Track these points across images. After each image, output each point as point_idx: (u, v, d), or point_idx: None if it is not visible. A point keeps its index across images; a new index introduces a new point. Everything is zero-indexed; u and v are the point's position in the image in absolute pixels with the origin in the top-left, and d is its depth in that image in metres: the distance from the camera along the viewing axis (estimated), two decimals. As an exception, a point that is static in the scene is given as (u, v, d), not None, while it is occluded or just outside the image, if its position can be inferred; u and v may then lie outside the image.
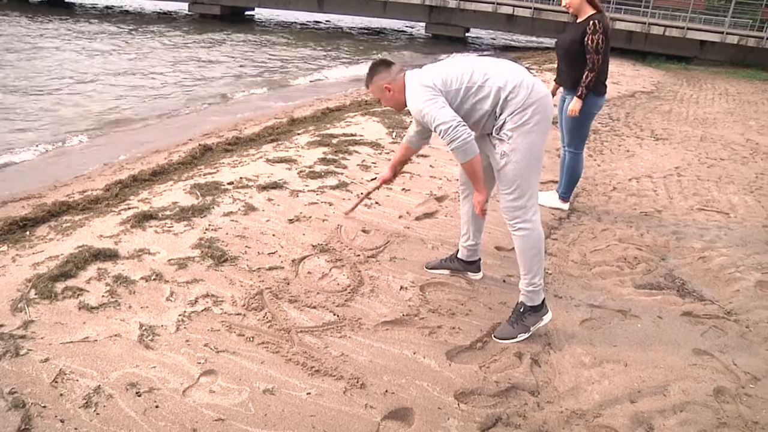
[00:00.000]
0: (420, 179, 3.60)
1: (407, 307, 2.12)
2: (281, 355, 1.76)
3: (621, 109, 6.92)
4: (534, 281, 2.04)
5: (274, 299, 2.06)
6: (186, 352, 1.72)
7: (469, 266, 2.44)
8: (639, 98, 7.75)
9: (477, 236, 2.37)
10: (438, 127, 1.87)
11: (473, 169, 1.94)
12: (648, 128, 5.94)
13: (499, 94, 1.90)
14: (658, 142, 5.33)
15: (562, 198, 3.44)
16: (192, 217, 2.62)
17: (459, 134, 1.85)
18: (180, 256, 2.26)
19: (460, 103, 1.93)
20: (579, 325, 2.16)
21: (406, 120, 5.16)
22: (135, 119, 5.89)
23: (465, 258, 2.42)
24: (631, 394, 1.78)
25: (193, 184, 3.09)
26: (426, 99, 1.89)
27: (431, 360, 1.84)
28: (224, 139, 4.56)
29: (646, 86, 8.66)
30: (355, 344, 1.88)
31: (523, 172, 1.92)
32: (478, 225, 2.35)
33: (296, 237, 2.58)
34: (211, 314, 1.92)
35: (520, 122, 1.89)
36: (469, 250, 2.39)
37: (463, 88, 1.92)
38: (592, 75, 2.99)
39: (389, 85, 2.03)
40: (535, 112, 1.88)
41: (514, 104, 1.89)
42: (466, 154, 1.89)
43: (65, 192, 3.54)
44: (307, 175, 3.36)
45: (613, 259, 2.76)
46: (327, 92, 8.00)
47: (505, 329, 2.08)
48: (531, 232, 1.99)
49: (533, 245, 2.00)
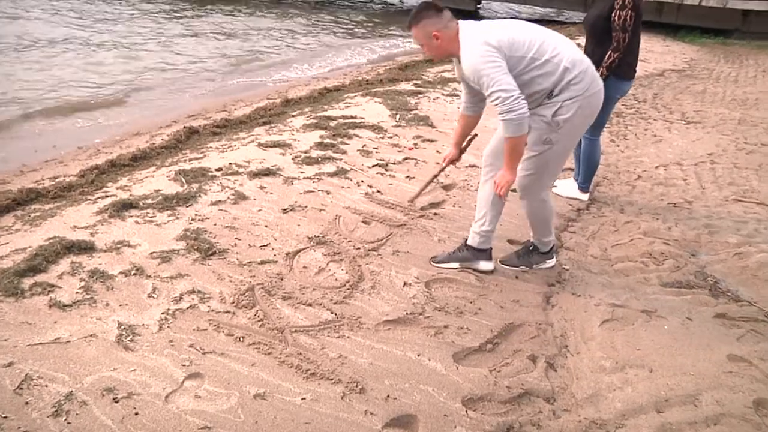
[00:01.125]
0: (426, 166, 3.59)
1: (411, 305, 2.12)
2: (274, 357, 1.76)
3: (648, 90, 6.83)
4: (543, 239, 2.38)
5: (267, 296, 2.06)
6: (169, 354, 1.72)
7: (480, 254, 2.42)
8: (669, 77, 7.65)
9: (494, 222, 2.36)
10: (495, 93, 1.87)
11: (518, 148, 2.00)
12: (678, 110, 5.87)
13: (564, 75, 1.95)
14: (690, 126, 5.26)
15: (582, 188, 3.43)
16: (176, 207, 2.62)
17: (518, 106, 1.87)
18: (163, 249, 2.25)
19: (521, 72, 1.94)
20: (599, 327, 2.15)
21: (411, 101, 5.14)
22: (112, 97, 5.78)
23: (476, 246, 2.39)
24: (658, 403, 1.76)
25: (177, 170, 3.08)
26: (488, 60, 1.88)
27: (437, 363, 1.84)
28: (212, 121, 4.54)
29: (677, 64, 8.53)
30: (354, 345, 1.88)
31: (555, 160, 2.11)
32: (496, 210, 2.33)
33: (291, 228, 2.58)
34: (198, 312, 1.92)
35: (573, 113, 1.98)
36: (482, 236, 2.37)
37: (528, 57, 1.94)
38: (615, 55, 2.93)
39: (439, 32, 1.99)
40: (589, 105, 1.98)
41: (575, 90, 1.95)
42: (519, 130, 1.92)
43: (34, 178, 3.53)
44: (303, 160, 3.35)
45: (638, 254, 2.74)
46: (324, 70, 7.94)
47: (511, 258, 2.48)
48: (543, 204, 2.25)
49: (542, 215, 2.29)
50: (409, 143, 3.99)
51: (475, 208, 3.04)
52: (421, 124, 4.46)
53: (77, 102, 5.47)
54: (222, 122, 4.47)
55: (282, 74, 7.57)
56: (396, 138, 4.06)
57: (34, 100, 5.36)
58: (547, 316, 2.22)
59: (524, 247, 2.49)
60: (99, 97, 5.71)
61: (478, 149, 4.08)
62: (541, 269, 2.51)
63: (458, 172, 3.58)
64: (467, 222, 2.89)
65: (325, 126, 4.09)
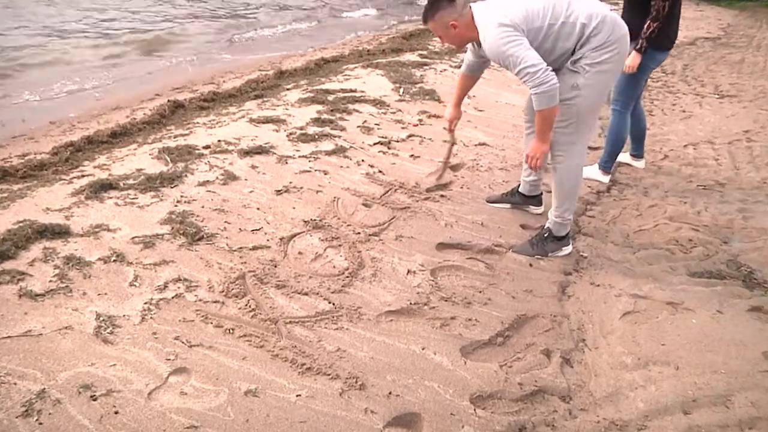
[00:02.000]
0: (432, 144, 3.56)
1: (415, 295, 2.12)
2: (266, 350, 1.76)
3: (677, 61, 6.72)
4: (564, 215, 2.42)
5: (259, 284, 2.06)
6: (153, 347, 1.71)
7: (530, 200, 2.84)
8: (701, 46, 7.50)
9: (539, 171, 2.64)
10: (524, 70, 2.02)
11: (549, 118, 2.15)
12: (711, 83, 5.77)
13: (583, 31, 2.10)
14: (724, 100, 5.17)
15: (603, 169, 3.40)
16: (160, 187, 2.61)
17: (548, 78, 2.02)
18: (146, 234, 2.25)
19: (542, 41, 2.10)
20: (619, 319, 2.13)
21: (416, 74, 5.10)
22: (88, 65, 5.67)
23: (526, 192, 2.81)
24: (684, 403, 1.74)
25: (161, 147, 3.06)
26: (509, 40, 2.02)
27: (443, 357, 1.84)
28: (198, 95, 4.51)
29: (711, 31, 8.36)
30: (353, 338, 1.87)
31: (586, 109, 2.21)
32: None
33: (285, 211, 2.57)
34: (184, 302, 1.92)
35: (599, 59, 2.11)
36: (531, 185, 2.78)
37: (545, 26, 2.09)
38: (655, 25, 2.94)
39: (456, 21, 2.15)
40: (614, 51, 2.10)
41: (596, 41, 2.10)
42: (550, 101, 2.07)
43: (0, 156, 3.50)
44: (298, 138, 3.35)
45: (663, 241, 2.72)
46: (321, 39, 7.81)
47: (525, 247, 2.51)
48: (574, 165, 2.33)
49: (571, 178, 2.36)
50: (414, 119, 3.97)
51: (484, 189, 3.07)
52: (426, 98, 4.43)
53: (47, 72, 5.35)
54: (210, 96, 4.45)
55: (276, 43, 7.46)
56: (399, 113, 4.04)
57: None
58: (563, 307, 2.21)
59: (538, 233, 2.53)
60: (71, 68, 5.60)
61: (488, 126, 4.11)
62: (557, 257, 2.50)
63: (467, 151, 3.56)
64: (476, 205, 2.89)
65: (322, 100, 4.07)
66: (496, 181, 3.19)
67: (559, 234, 2.47)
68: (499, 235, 2.63)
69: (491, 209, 2.87)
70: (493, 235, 2.63)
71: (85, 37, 6.65)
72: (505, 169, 3.39)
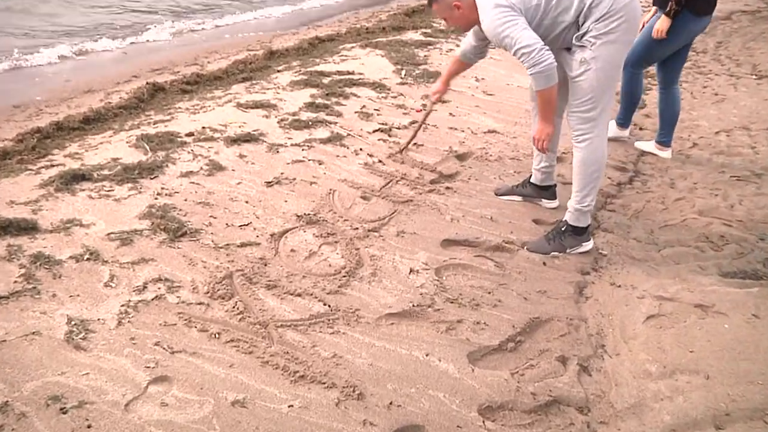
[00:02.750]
0: (437, 132, 3.55)
1: (419, 296, 2.12)
2: (256, 357, 1.76)
3: (710, 38, 6.67)
4: (585, 201, 2.44)
5: (247, 284, 2.06)
6: (130, 354, 1.71)
7: (542, 192, 2.85)
8: (738, 21, 7.43)
9: (551, 157, 2.74)
10: (519, 50, 2.15)
11: (550, 99, 2.26)
12: (748, 62, 5.72)
13: (583, 2, 2.18)
14: (762, 81, 5.13)
15: (620, 125, 3.67)
16: (139, 179, 2.61)
17: (543, 58, 2.13)
18: (123, 229, 2.24)
19: (541, 18, 2.22)
20: (643, 323, 2.13)
21: (419, 54, 5.09)
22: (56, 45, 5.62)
23: (538, 182, 2.83)
24: (716, 417, 1.73)
25: (139, 134, 3.06)
26: (505, 21, 2.15)
27: (449, 364, 1.84)
28: (181, 77, 4.50)
29: (749, 3, 8.27)
30: (351, 343, 1.87)
31: (600, 83, 2.26)
32: (551, 144, 2.63)
33: (276, 204, 2.57)
34: (165, 304, 1.92)
35: (605, 30, 2.18)
36: (543, 173, 2.79)
37: (543, 2, 2.20)
38: None
39: (459, 2, 2.29)
40: (621, 19, 2.16)
41: (599, 11, 2.17)
42: (548, 81, 2.19)
43: (-44, 143, 3.48)
44: (291, 124, 3.34)
45: (691, 237, 2.72)
46: (315, 17, 7.77)
47: (540, 243, 2.51)
48: (596, 146, 2.36)
49: (595, 160, 2.38)
50: (417, 104, 3.95)
51: (494, 181, 3.07)
52: (430, 81, 4.41)
53: (11, 48, 5.23)
54: (193, 78, 4.43)
55: (265, 18, 7.42)
56: (401, 98, 4.02)
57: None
58: (581, 309, 2.21)
59: (555, 228, 2.55)
60: (39, 44, 5.55)
61: (498, 111, 4.09)
62: (576, 254, 2.49)
63: (475, 139, 3.55)
64: (485, 198, 2.88)
65: (316, 83, 4.06)
66: (506, 172, 3.18)
67: (578, 224, 2.48)
68: (510, 230, 2.63)
69: (501, 202, 2.87)
70: (504, 230, 2.62)
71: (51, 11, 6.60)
72: (517, 158, 3.38)
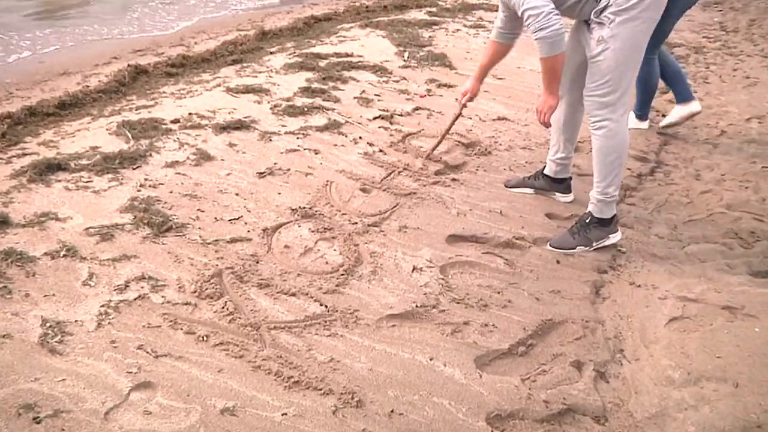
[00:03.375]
0: (442, 118, 3.55)
1: (422, 296, 2.12)
2: (247, 361, 1.76)
3: (741, 15, 6.61)
4: (608, 191, 2.42)
5: (238, 283, 2.06)
6: (111, 358, 1.71)
7: (556, 185, 2.84)
8: (774, -4, 7.36)
9: (568, 147, 2.74)
10: (526, 11, 2.17)
11: (554, 68, 2.28)
12: (785, 42, 5.69)
13: None
14: (800, 62, 5.11)
15: (639, 117, 3.74)
16: (120, 169, 2.61)
17: (551, 23, 2.15)
18: (103, 224, 2.25)
19: None
20: (665, 326, 2.13)
21: (423, 35, 5.07)
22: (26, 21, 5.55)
23: (553, 174, 2.82)
24: (746, 428, 1.72)
25: (120, 121, 3.05)
26: None
27: (455, 369, 1.84)
28: (165, 58, 4.48)
29: (787, -25, 8.19)
30: (349, 346, 1.88)
31: (619, 65, 2.25)
32: (570, 133, 2.70)
33: (269, 197, 2.57)
34: (149, 304, 1.92)
35: (624, 6, 2.16)
36: (558, 164, 2.78)
37: None
38: None
39: None
40: None
41: None
42: (553, 48, 2.20)
43: None
44: (284, 111, 3.35)
45: (719, 233, 2.71)
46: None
47: (564, 238, 2.50)
48: (614, 132, 2.34)
49: (614, 148, 2.37)
50: (421, 89, 3.95)
51: (504, 172, 3.06)
52: (436, 64, 4.41)
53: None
54: (179, 60, 4.41)
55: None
56: (404, 82, 4.02)
57: None
58: (597, 311, 2.21)
59: (580, 221, 2.53)
60: (7, 20, 5.47)
61: (509, 97, 4.08)
62: (602, 247, 2.50)
63: (483, 127, 3.54)
64: (494, 190, 2.88)
65: (312, 66, 4.06)
66: (517, 162, 3.18)
67: (602, 215, 2.47)
68: (521, 225, 2.62)
69: (511, 195, 2.86)
70: (514, 225, 2.62)
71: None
72: (529, 148, 3.37)
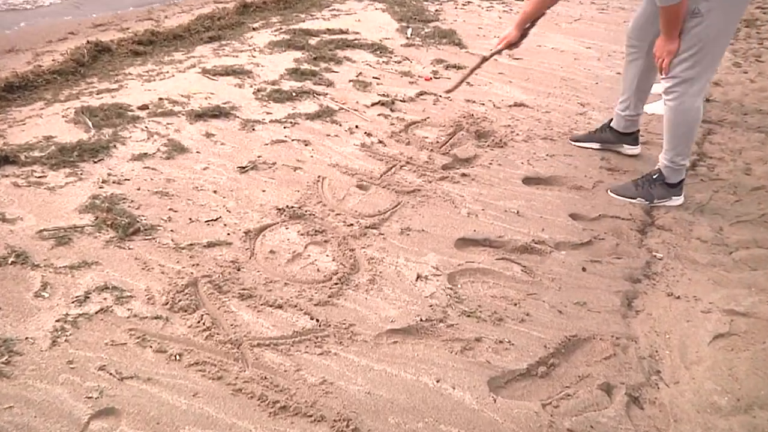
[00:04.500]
0: (450, 105, 3.55)
1: (428, 308, 2.12)
2: (226, 384, 1.76)
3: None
4: (676, 159, 2.75)
5: (216, 294, 2.06)
6: (68, 382, 1.70)
7: (624, 138, 3.21)
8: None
9: (639, 106, 3.10)
10: None
11: (676, 16, 2.48)
12: None
13: None
14: None
15: None
16: (79, 162, 2.61)
17: None
18: (59, 225, 2.24)
19: None
20: (709, 345, 2.13)
21: (429, 8, 5.08)
22: None
23: (621, 129, 3.18)
24: (802, 461, 1.74)
25: (79, 107, 3.06)
26: None
27: (465, 392, 1.84)
28: (131, 35, 4.47)
29: None
30: (344, 366, 1.88)
31: (709, 40, 2.48)
32: (642, 93, 3.04)
33: (252, 195, 2.58)
34: (112, 318, 1.92)
35: None
36: (628, 120, 3.15)
37: None
38: None
39: None
40: None
41: None
42: None
43: None
44: (270, 96, 3.36)
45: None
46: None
47: (627, 187, 2.87)
48: (687, 107, 2.62)
49: (685, 122, 2.67)
50: (426, 71, 3.96)
51: (521, 166, 3.06)
52: (443, 42, 4.42)
53: None
54: (147, 36, 4.41)
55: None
56: (406, 63, 4.03)
57: None
58: (629, 326, 2.20)
59: (647, 175, 2.90)
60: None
61: (527, 80, 4.08)
62: (665, 206, 2.76)
63: (498, 114, 3.54)
64: (510, 187, 2.88)
65: (301, 45, 4.07)
66: (537, 155, 3.18)
67: (669, 180, 2.82)
68: (542, 227, 2.62)
69: (530, 193, 2.86)
70: (533, 227, 2.62)
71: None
72: (550, 138, 3.37)
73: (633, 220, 2.74)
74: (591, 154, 3.25)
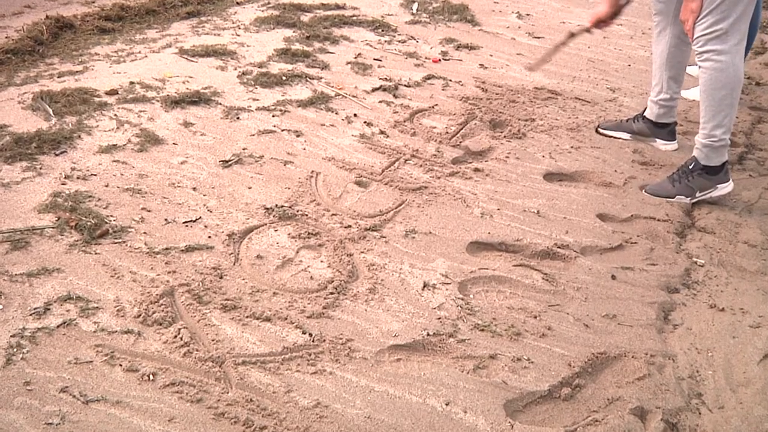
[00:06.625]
0: (462, 89, 3.55)
1: (436, 321, 2.12)
2: (207, 407, 1.76)
3: None
4: (715, 133, 2.69)
5: (196, 305, 2.06)
6: (24, 406, 1.70)
7: (659, 130, 3.18)
8: None
9: (673, 87, 3.06)
10: None
11: None
12: None
13: None
14: None
15: None
16: (38, 155, 2.62)
17: None
18: (15, 227, 2.25)
19: None
20: (758, 364, 2.13)
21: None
22: None
23: (655, 118, 3.16)
24: None
25: (38, 92, 3.06)
26: None
27: (478, 417, 1.84)
28: (97, 9, 4.50)
29: None
30: (340, 386, 1.88)
31: None
32: (675, 71, 3.04)
33: (236, 193, 2.58)
34: (76, 333, 1.92)
35: None
36: (662, 106, 3.11)
37: None
38: None
39: None
40: None
41: None
42: None
43: None
44: (256, 80, 3.37)
45: (824, 239, 2.71)
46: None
47: (663, 185, 2.85)
48: (726, 64, 2.60)
49: (724, 84, 2.63)
50: (435, 52, 3.97)
51: (542, 160, 3.07)
52: (454, 18, 4.43)
53: None
54: (116, 11, 4.43)
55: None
56: (412, 43, 4.04)
57: None
58: (666, 342, 2.21)
59: (682, 167, 2.86)
60: None
61: (554, 64, 4.08)
62: (708, 204, 2.72)
63: (517, 100, 3.53)
64: (529, 183, 2.88)
65: (292, 21, 4.08)
66: (560, 147, 3.18)
67: (709, 162, 2.75)
68: (565, 229, 2.63)
69: (552, 191, 2.86)
70: (556, 229, 2.62)
71: None
72: (576, 128, 3.37)
73: (670, 222, 2.75)
74: (621, 145, 3.25)
